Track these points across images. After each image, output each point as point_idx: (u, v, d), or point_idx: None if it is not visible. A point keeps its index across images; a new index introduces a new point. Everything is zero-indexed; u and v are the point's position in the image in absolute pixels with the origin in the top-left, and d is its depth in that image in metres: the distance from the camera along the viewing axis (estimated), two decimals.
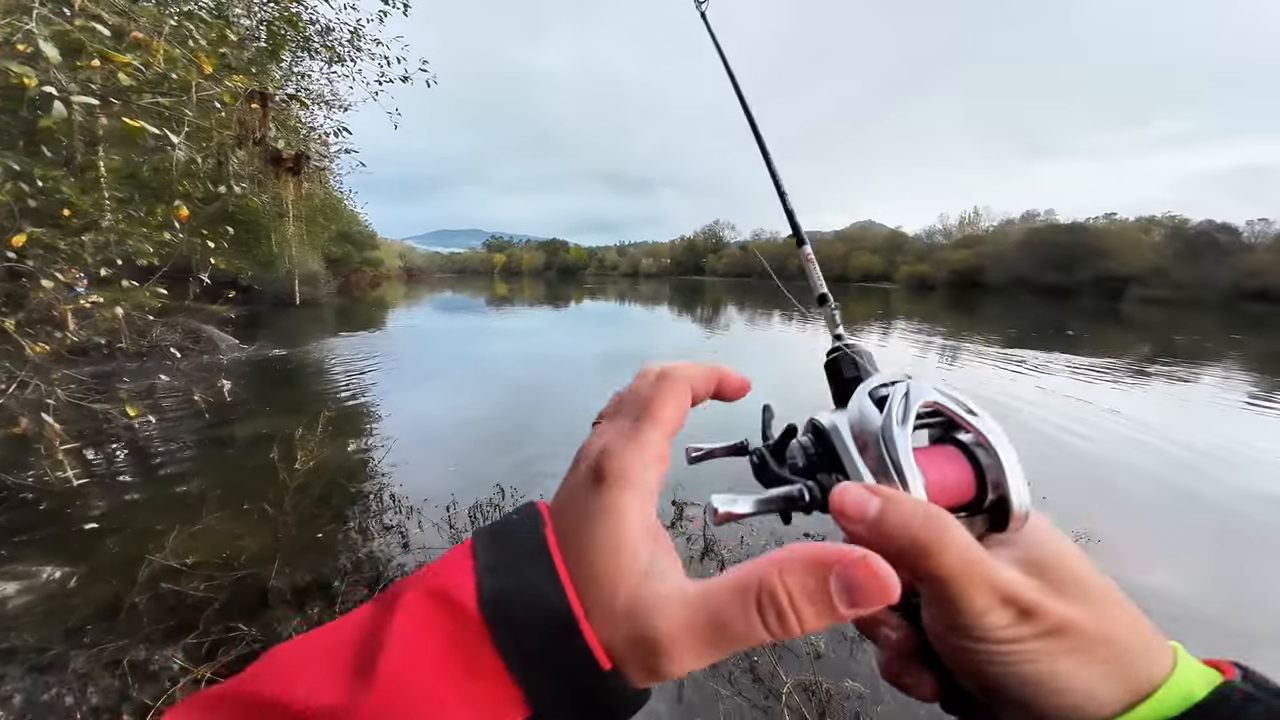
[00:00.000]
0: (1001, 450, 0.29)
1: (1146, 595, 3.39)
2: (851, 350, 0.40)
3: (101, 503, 4.47)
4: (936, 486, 0.29)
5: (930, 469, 0.29)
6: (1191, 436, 6.73)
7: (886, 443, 0.29)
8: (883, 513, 0.26)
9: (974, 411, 0.31)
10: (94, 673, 2.52)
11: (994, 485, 0.29)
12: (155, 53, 2.21)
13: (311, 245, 18.71)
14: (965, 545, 0.26)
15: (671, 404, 0.31)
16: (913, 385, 0.32)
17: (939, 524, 0.26)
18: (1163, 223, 48.74)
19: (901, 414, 0.30)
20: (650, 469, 0.28)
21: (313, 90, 7.18)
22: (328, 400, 5.91)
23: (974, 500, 0.29)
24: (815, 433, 0.34)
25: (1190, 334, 20.23)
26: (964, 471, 0.30)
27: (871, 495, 0.27)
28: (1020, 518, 0.29)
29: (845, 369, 0.40)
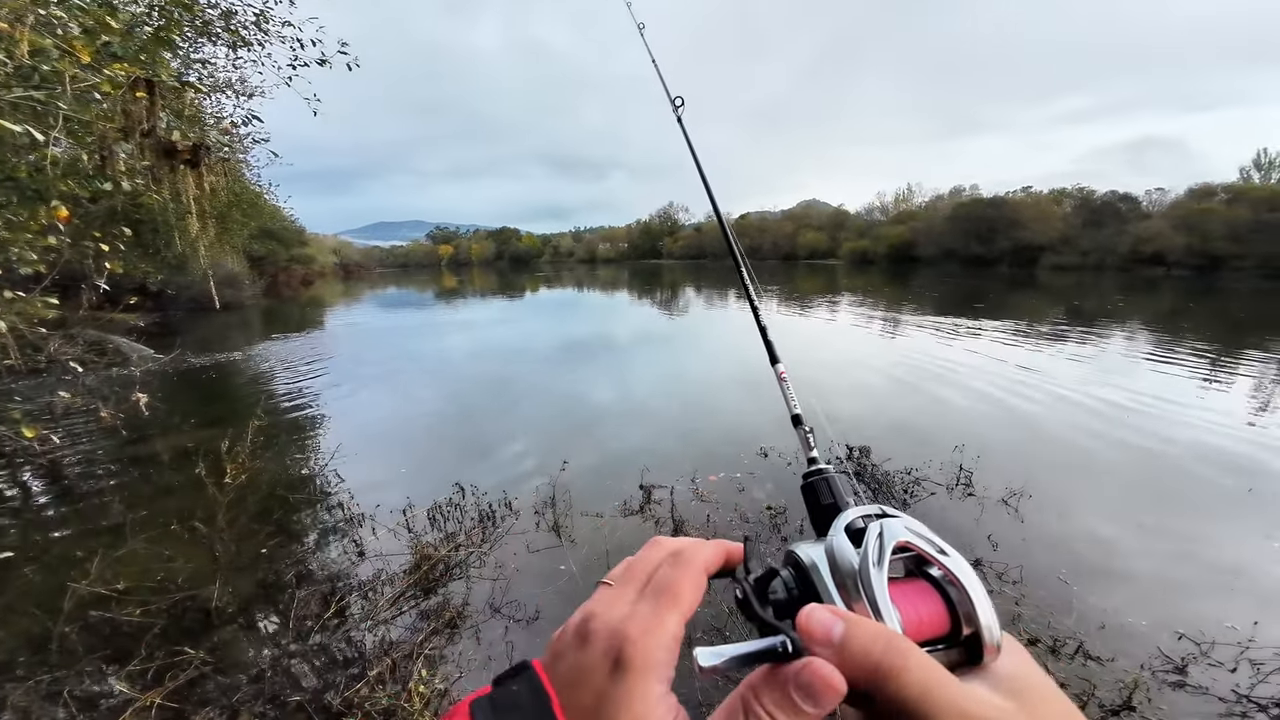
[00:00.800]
0: (971, 587, 0.31)
1: (1076, 543, 3.70)
2: (825, 476, 0.44)
3: (12, 531, 4.08)
4: (913, 623, 0.31)
5: (905, 605, 0.31)
6: (1104, 391, 7.45)
7: (864, 584, 0.31)
8: (846, 636, 0.28)
9: (945, 551, 0.33)
10: (33, 706, 2.35)
11: (966, 619, 0.31)
12: (20, 43, 1.92)
13: (228, 244, 17.22)
14: (927, 669, 0.27)
15: (690, 588, 0.33)
16: (886, 526, 0.34)
17: (900, 649, 0.27)
18: (1072, 194, 52.85)
19: (877, 555, 0.32)
20: (671, 653, 0.30)
21: (219, 78, 6.54)
22: (259, 409, 5.51)
23: (949, 634, 0.31)
24: (795, 567, 0.36)
25: (1095, 297, 22.22)
26: (937, 607, 0.32)
27: (836, 619, 0.29)
28: (993, 649, 0.30)
29: (822, 495, 0.43)
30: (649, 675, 0.28)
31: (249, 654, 2.75)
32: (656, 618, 0.31)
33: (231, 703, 2.38)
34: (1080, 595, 3.13)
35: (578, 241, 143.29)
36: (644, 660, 0.29)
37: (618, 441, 5.78)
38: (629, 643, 0.29)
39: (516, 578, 3.37)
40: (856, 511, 0.37)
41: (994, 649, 0.30)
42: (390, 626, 2.94)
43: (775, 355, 0.64)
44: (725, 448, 5.33)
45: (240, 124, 5.81)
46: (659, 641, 0.30)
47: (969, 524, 3.89)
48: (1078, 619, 2.93)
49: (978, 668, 0.31)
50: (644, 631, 0.30)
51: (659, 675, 0.29)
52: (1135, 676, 2.47)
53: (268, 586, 3.33)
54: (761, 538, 3.71)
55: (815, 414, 0.56)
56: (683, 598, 0.33)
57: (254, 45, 5.61)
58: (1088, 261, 43.99)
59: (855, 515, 0.37)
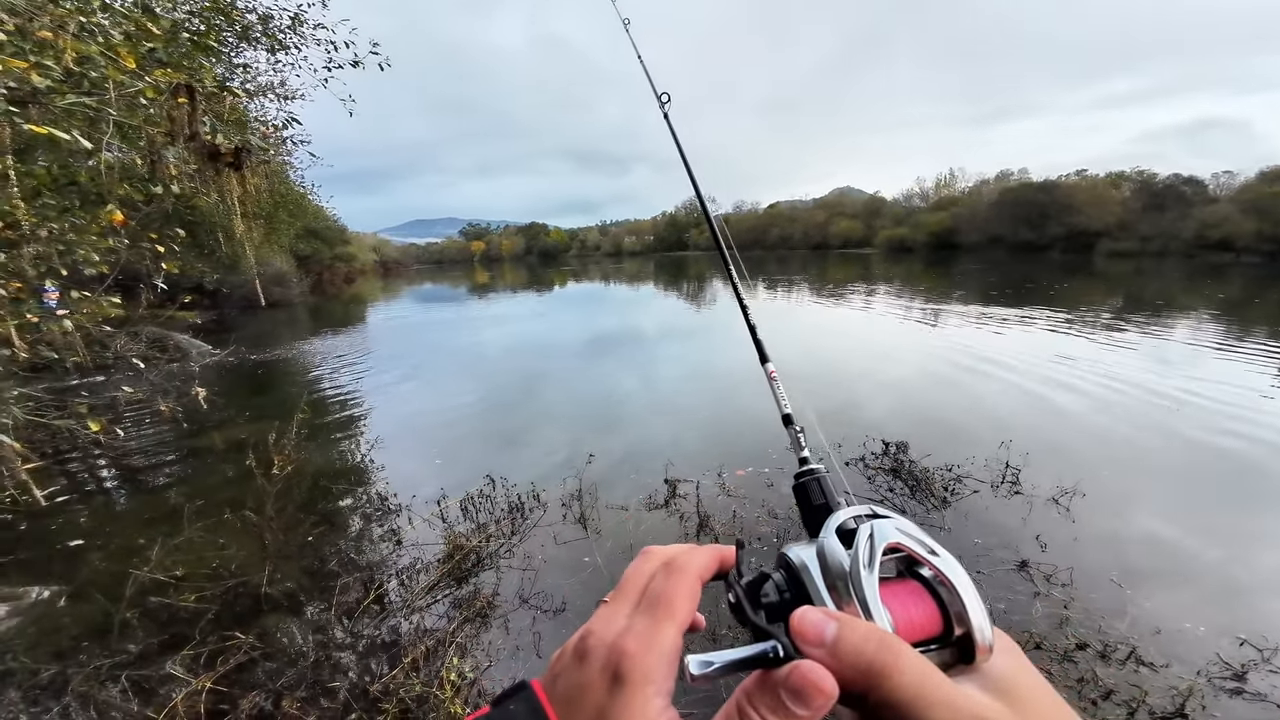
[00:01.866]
0: (961, 587, 0.31)
1: (1132, 544, 3.49)
2: (816, 476, 0.44)
3: (82, 520, 4.36)
4: (904, 623, 0.31)
5: (897, 606, 0.31)
6: (1167, 384, 6.94)
7: (854, 586, 0.32)
8: (838, 637, 0.28)
9: (935, 552, 0.33)
10: (93, 690, 2.49)
11: (958, 618, 0.31)
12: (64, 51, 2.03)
13: (276, 243, 18.08)
14: (919, 668, 0.27)
15: (685, 598, 0.33)
16: (877, 527, 0.34)
17: (892, 649, 0.27)
18: (1131, 177, 49.43)
19: (868, 557, 0.32)
20: (669, 665, 0.30)
21: (261, 81, 6.81)
22: (306, 402, 5.77)
23: (941, 634, 0.31)
24: (786, 569, 0.36)
25: (1157, 285, 20.74)
26: (929, 608, 0.32)
27: (828, 620, 0.29)
28: (985, 649, 0.30)
29: (813, 495, 0.43)
30: (647, 688, 0.28)
31: (294, 639, 2.87)
32: (653, 631, 0.31)
33: (276, 687, 2.49)
34: (1135, 599, 2.95)
35: (604, 235, 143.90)
36: (642, 674, 0.29)
37: (644, 435, 5.77)
38: (626, 657, 0.29)
39: (544, 569, 3.41)
40: (848, 512, 0.37)
41: (986, 649, 0.30)
42: (425, 614, 3.03)
43: (765, 354, 0.65)
44: (753, 442, 5.24)
45: (281, 127, 6.04)
46: (656, 654, 0.30)
47: (1015, 523, 3.70)
48: (1131, 623, 2.77)
49: (970, 668, 0.31)
50: (641, 645, 0.30)
51: (658, 688, 0.29)
52: (1190, 683, 2.34)
53: (313, 574, 3.48)
54: (791, 534, 3.64)
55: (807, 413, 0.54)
56: (678, 608, 0.32)
57: (291, 48, 5.82)
58: (1149, 247, 41.16)
59: (846, 516, 0.37)
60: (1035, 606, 2.91)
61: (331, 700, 2.43)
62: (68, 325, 2.92)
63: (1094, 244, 44.84)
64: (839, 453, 4.84)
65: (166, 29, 2.93)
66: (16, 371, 2.99)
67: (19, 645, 2.84)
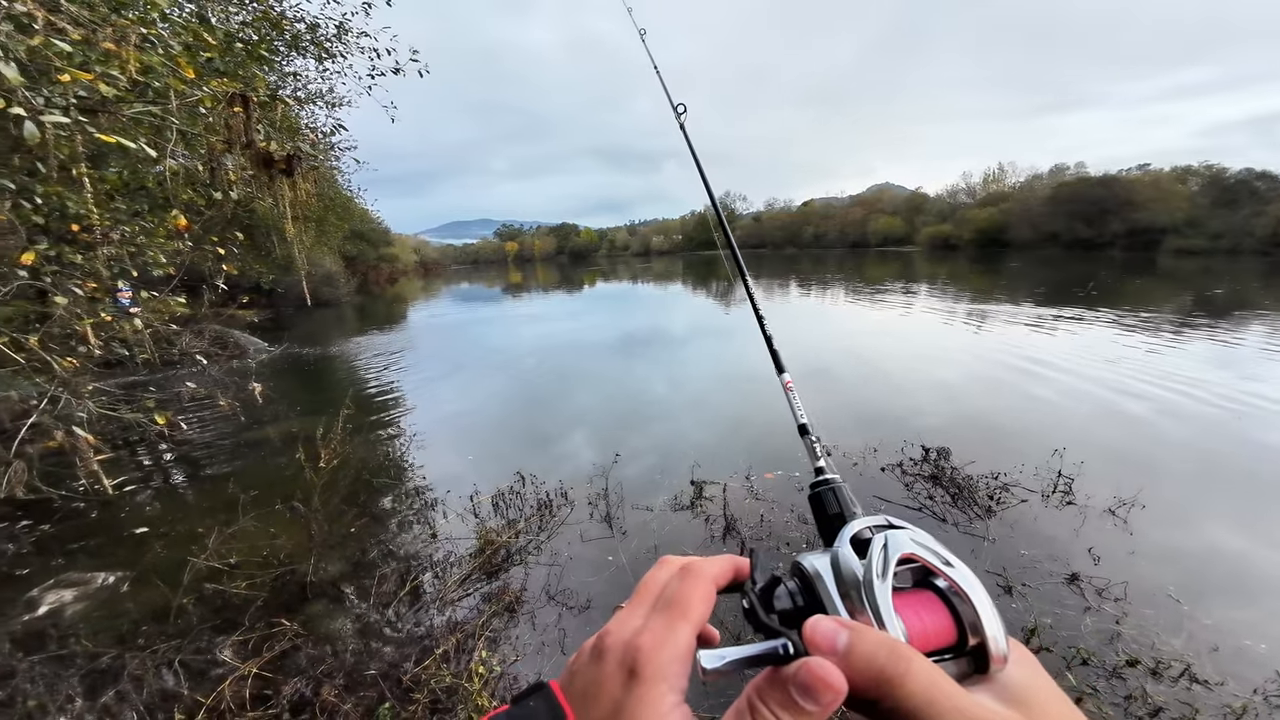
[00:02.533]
0: (976, 598, 0.31)
1: (1193, 558, 3.27)
2: (832, 486, 0.44)
3: (147, 508, 4.68)
4: (918, 633, 0.31)
5: (910, 616, 0.31)
6: (1240, 391, 6.41)
7: (867, 595, 0.32)
8: (850, 645, 0.28)
9: (950, 563, 0.33)
10: (147, 674, 2.64)
11: (972, 628, 0.31)
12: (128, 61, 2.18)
13: (326, 245, 18.97)
14: (931, 676, 0.27)
15: (699, 600, 0.34)
16: (891, 537, 0.34)
17: (904, 656, 0.27)
18: (1199, 172, 45.86)
19: (881, 567, 0.33)
20: (683, 663, 0.31)
21: (310, 89, 7.17)
22: (351, 398, 6.03)
23: (955, 644, 0.31)
24: (800, 577, 0.36)
25: (1228, 284, 19.15)
26: (943, 618, 0.32)
27: (840, 628, 0.29)
28: (1000, 659, 0.31)
29: (829, 505, 0.44)
30: (661, 684, 0.29)
31: (335, 627, 3.00)
32: (667, 630, 0.32)
33: (316, 674, 2.60)
34: (1193, 614, 2.78)
35: (633, 235, 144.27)
36: (655, 670, 0.30)
37: (671, 435, 5.75)
38: (640, 653, 0.30)
39: (570, 566, 3.45)
40: (863, 522, 0.37)
41: (1001, 659, 0.30)
42: (456, 607, 3.11)
43: (781, 365, 0.65)
44: (782, 444, 5.13)
45: (329, 133, 6.35)
46: (670, 652, 0.31)
47: (1066, 535, 3.50)
48: (1188, 640, 2.61)
49: (985, 677, 0.31)
50: (656, 642, 0.31)
51: (671, 685, 0.30)
52: (1245, 702, 2.22)
53: (354, 563, 3.62)
54: (820, 541, 3.55)
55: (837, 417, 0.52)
56: (692, 609, 0.34)
57: (337, 56, 6.10)
58: (1219, 245, 38.13)
59: (861, 526, 0.37)
60: (1085, 621, 2.75)
61: (367, 689, 2.52)
62: (138, 324, 3.14)
63: (1158, 241, 41.94)
64: (874, 457, 4.69)
65: (222, 39, 3.12)
66: (91, 367, 3.23)
67: (83, 629, 3.03)
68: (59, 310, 2.59)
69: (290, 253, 10.66)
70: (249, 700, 2.44)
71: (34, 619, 3.18)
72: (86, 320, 2.75)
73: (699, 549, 3.49)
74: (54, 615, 3.22)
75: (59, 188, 2.34)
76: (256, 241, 11.55)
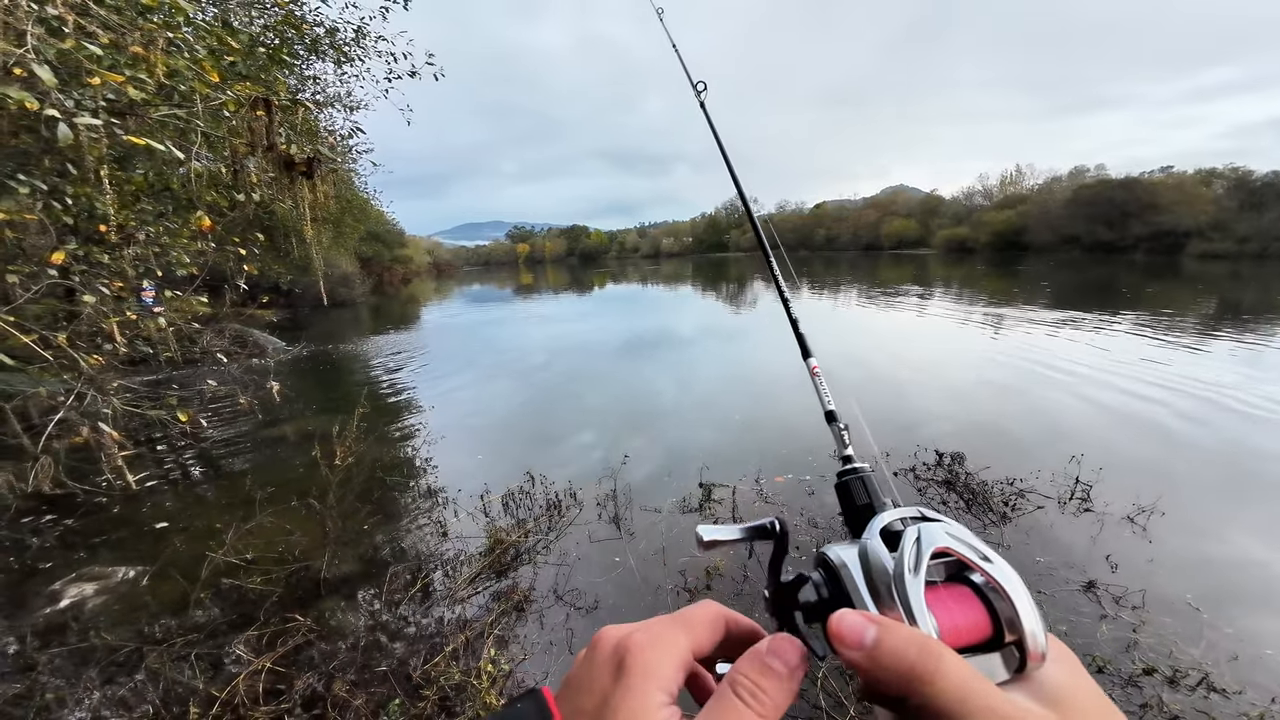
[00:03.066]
0: (1015, 594, 0.30)
1: (1215, 567, 3.19)
2: (860, 475, 0.43)
3: (167, 504, 4.78)
4: (950, 629, 0.30)
5: (942, 612, 0.30)
6: (1268, 399, 6.23)
7: (899, 591, 0.31)
8: (878, 640, 0.28)
9: (988, 557, 0.32)
10: (165, 668, 2.69)
11: (1009, 625, 0.30)
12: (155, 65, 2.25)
13: (343, 247, 19.28)
14: (963, 675, 0.26)
15: (706, 622, 0.35)
16: (925, 530, 0.33)
17: (935, 653, 0.27)
18: (1224, 175, 44.73)
19: (914, 561, 0.31)
20: (675, 668, 0.31)
21: (328, 92, 7.31)
22: (366, 396, 6.11)
23: (990, 640, 0.30)
24: (825, 568, 0.35)
25: (1256, 289, 18.62)
26: (977, 613, 0.31)
27: (868, 623, 0.29)
28: (1038, 657, 0.29)
29: (857, 495, 0.42)
30: (649, 681, 0.29)
31: (347, 623, 3.04)
32: (664, 633, 0.32)
33: (328, 669, 2.64)
34: (1213, 623, 2.72)
35: (642, 237, 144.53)
36: (644, 666, 0.29)
37: (680, 437, 5.74)
38: (631, 649, 0.30)
39: (578, 566, 3.46)
40: (894, 514, 0.36)
41: (1038, 656, 0.29)
42: (466, 605, 3.14)
43: (808, 349, 0.63)
44: (793, 448, 5.10)
45: (347, 136, 6.47)
46: (663, 652, 0.31)
47: (1083, 542, 3.44)
48: (1207, 648, 2.56)
49: (1021, 676, 0.30)
50: (649, 641, 0.31)
51: (660, 684, 0.29)
52: (1263, 710, 2.19)
53: (367, 560, 3.67)
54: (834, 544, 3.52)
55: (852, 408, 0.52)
56: (695, 625, 0.33)
57: (355, 60, 6.22)
58: (1246, 249, 37.15)
59: (893, 517, 0.36)
60: (1100, 629, 2.70)
61: (377, 685, 2.55)
62: (162, 322, 3.22)
63: (1182, 245, 40.99)
64: (887, 462, 4.64)
65: (245, 43, 3.20)
66: (116, 365, 3.31)
67: (103, 622, 3.09)
68: (87, 309, 2.67)
69: (308, 253, 10.85)
70: (262, 694, 2.47)
71: (55, 612, 3.26)
72: (113, 319, 2.83)
73: (707, 551, 3.48)
74: (75, 608, 3.30)
75: (88, 189, 2.42)
76: (275, 242, 11.77)
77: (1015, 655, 0.30)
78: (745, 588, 3.12)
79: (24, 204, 2.22)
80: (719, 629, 0.35)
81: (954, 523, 0.34)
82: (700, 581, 3.16)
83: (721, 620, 0.36)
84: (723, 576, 3.21)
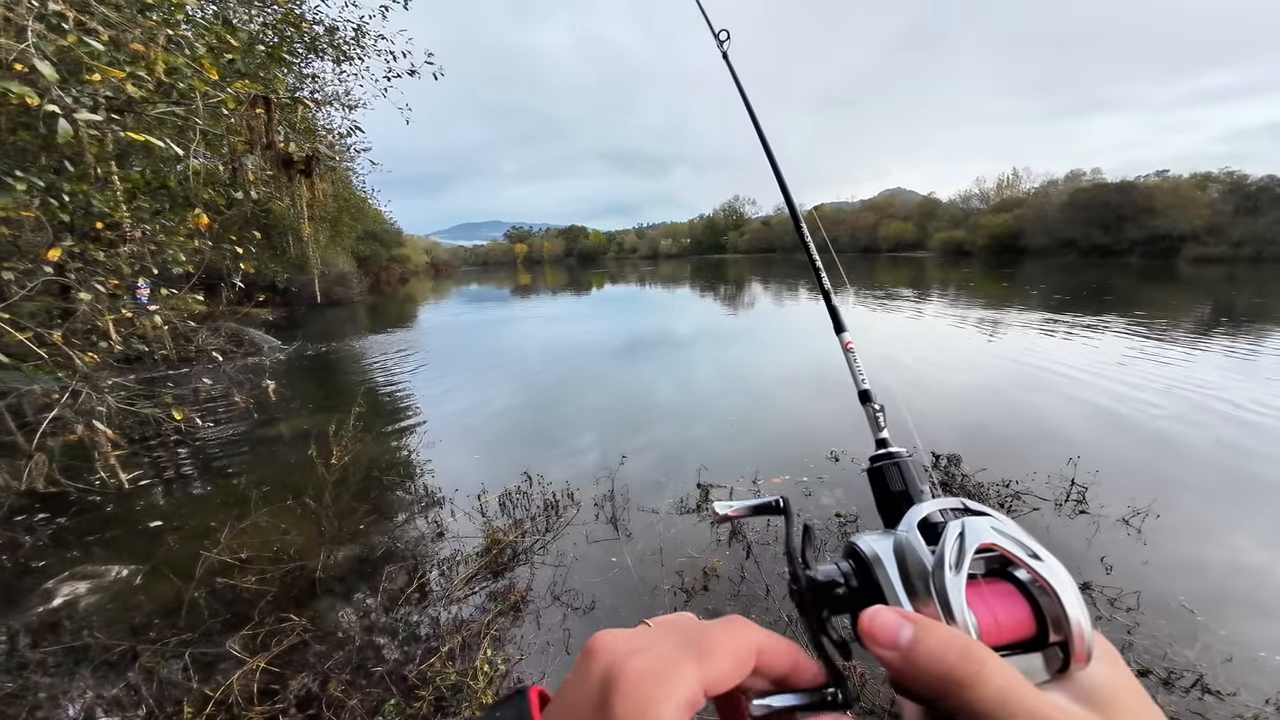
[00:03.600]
0: (1064, 594, 0.28)
1: (1209, 570, 3.21)
2: (896, 460, 0.40)
3: (161, 503, 4.75)
4: (989, 627, 0.28)
5: (982, 609, 0.28)
6: (1262, 402, 6.27)
7: (938, 589, 0.29)
8: (916, 640, 0.26)
9: (1037, 555, 0.30)
10: (158, 667, 2.67)
11: (1054, 624, 0.28)
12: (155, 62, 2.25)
13: (340, 245, 19.22)
14: (1005, 679, 0.25)
15: (728, 654, 0.28)
16: (969, 525, 0.30)
17: (976, 656, 0.25)
18: (1220, 179, 45.10)
19: (955, 558, 0.29)
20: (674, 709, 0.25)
21: (327, 91, 7.30)
22: (361, 396, 6.09)
23: (1034, 638, 0.29)
24: (855, 559, 0.33)
25: (1251, 293, 18.75)
26: (1020, 611, 0.29)
27: (904, 621, 0.27)
28: (1083, 657, 0.28)
29: (892, 481, 0.39)
30: None
31: (343, 623, 3.03)
32: (669, 665, 0.26)
33: (324, 669, 2.62)
34: (1208, 625, 2.74)
35: (641, 238, 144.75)
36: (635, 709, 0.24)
37: (677, 438, 5.74)
38: (621, 683, 0.25)
39: (575, 566, 3.45)
40: (935, 504, 0.33)
41: (1084, 656, 0.28)
42: (463, 605, 3.13)
43: (841, 323, 0.59)
44: (791, 450, 5.11)
45: (345, 135, 6.47)
46: (663, 691, 0.25)
47: (1079, 544, 3.46)
48: (1201, 650, 2.58)
49: (1063, 676, 0.28)
50: (646, 674, 0.25)
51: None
52: (1257, 712, 2.21)
53: (363, 560, 3.65)
54: (829, 545, 3.52)
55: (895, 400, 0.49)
56: (715, 655, 0.27)
57: (354, 59, 6.21)
58: (1241, 253, 37.46)
59: (933, 509, 0.33)
60: (1096, 631, 2.71)
61: (373, 685, 2.54)
62: (158, 320, 3.21)
63: (1177, 249, 41.30)
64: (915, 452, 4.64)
65: (244, 41, 3.19)
66: (111, 363, 3.30)
67: (97, 621, 3.06)
68: (83, 306, 2.66)
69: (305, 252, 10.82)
70: (257, 694, 2.45)
71: (49, 610, 3.24)
72: (108, 316, 2.82)
73: (704, 552, 3.48)
74: (69, 607, 3.27)
75: (85, 185, 2.41)
76: (272, 241, 11.74)
77: (1059, 655, 0.28)
78: (743, 589, 3.12)
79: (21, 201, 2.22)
80: (746, 662, 0.29)
81: (1002, 517, 0.32)
82: (698, 582, 3.16)
83: (751, 651, 0.29)
84: (720, 577, 3.21)
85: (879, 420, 0.48)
